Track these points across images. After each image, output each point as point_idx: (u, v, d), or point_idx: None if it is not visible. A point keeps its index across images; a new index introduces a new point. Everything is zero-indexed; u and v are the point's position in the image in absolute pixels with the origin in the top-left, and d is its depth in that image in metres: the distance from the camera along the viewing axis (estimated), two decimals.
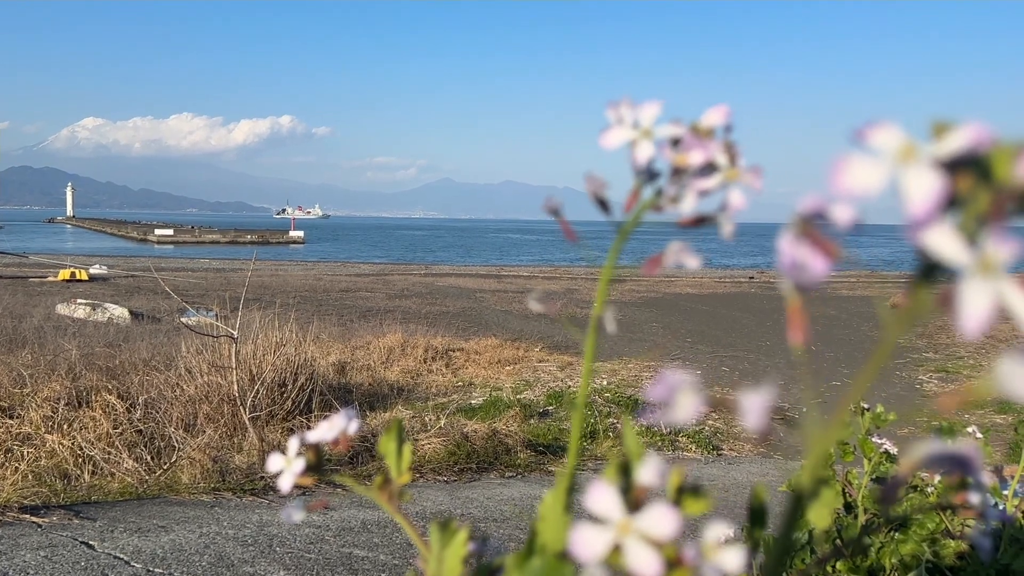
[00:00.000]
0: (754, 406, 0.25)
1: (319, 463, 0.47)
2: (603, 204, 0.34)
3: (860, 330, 13.06)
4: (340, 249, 62.58)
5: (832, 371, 9.41)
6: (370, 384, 7.84)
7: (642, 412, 0.26)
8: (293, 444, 0.46)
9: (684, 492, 0.29)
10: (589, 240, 0.49)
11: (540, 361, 9.63)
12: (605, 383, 8.29)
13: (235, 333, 5.76)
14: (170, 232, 65.26)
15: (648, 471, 0.27)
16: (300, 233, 67.61)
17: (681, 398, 0.26)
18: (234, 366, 5.64)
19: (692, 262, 0.33)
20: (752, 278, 26.88)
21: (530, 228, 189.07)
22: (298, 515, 0.46)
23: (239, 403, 5.50)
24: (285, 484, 0.45)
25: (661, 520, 0.25)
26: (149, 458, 4.83)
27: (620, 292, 19.76)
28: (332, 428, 0.47)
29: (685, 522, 0.27)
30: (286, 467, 0.46)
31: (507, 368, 9.12)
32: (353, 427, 0.48)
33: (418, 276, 26.19)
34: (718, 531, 0.27)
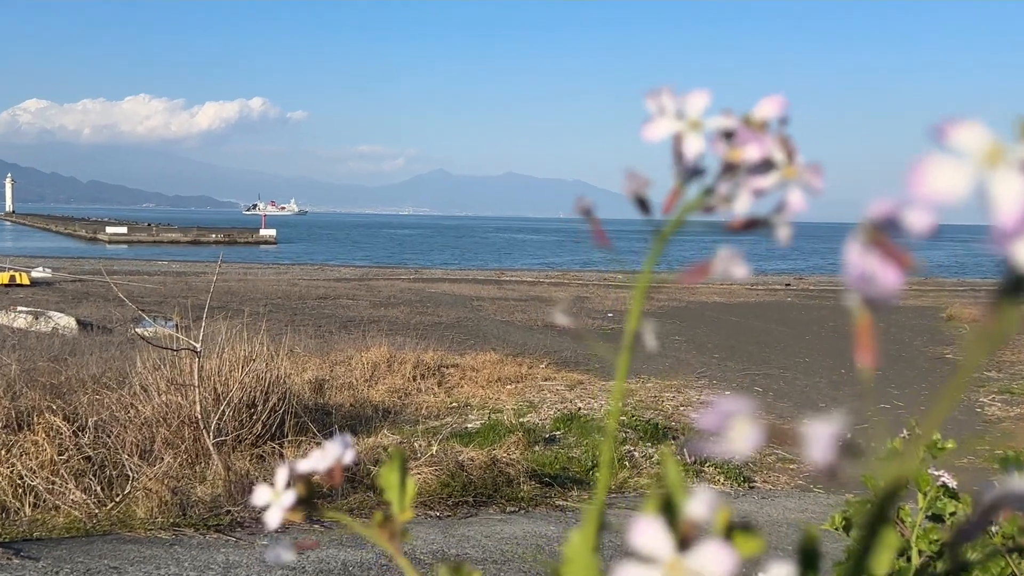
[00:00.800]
0: (821, 438, 0.25)
1: (311, 497, 0.47)
2: (643, 204, 0.34)
3: (912, 345, 13.05)
4: (318, 250, 62.66)
5: (880, 392, 9.40)
6: (352, 405, 7.84)
7: (691, 443, 0.26)
8: (282, 475, 0.47)
9: (735, 529, 0.30)
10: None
11: (546, 379, 9.63)
12: (620, 405, 8.27)
13: (197, 346, 5.76)
14: (124, 230, 65.34)
15: (699, 505, 0.27)
16: (272, 232, 67.69)
17: (738, 428, 0.26)
18: (196, 384, 5.65)
19: (742, 272, 0.33)
20: (788, 285, 26.89)
21: (535, 227, 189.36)
22: (288, 556, 0.46)
23: (202, 426, 5.51)
24: (273, 520, 0.46)
25: (717, 559, 0.25)
26: (99, 489, 4.83)
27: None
28: (326, 457, 0.48)
29: (739, 563, 0.27)
30: (274, 500, 0.46)
31: (508, 387, 9.12)
32: (349, 456, 0.49)
33: (406, 281, 26.21)
34: (780, 573, 0.27)
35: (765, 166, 0.30)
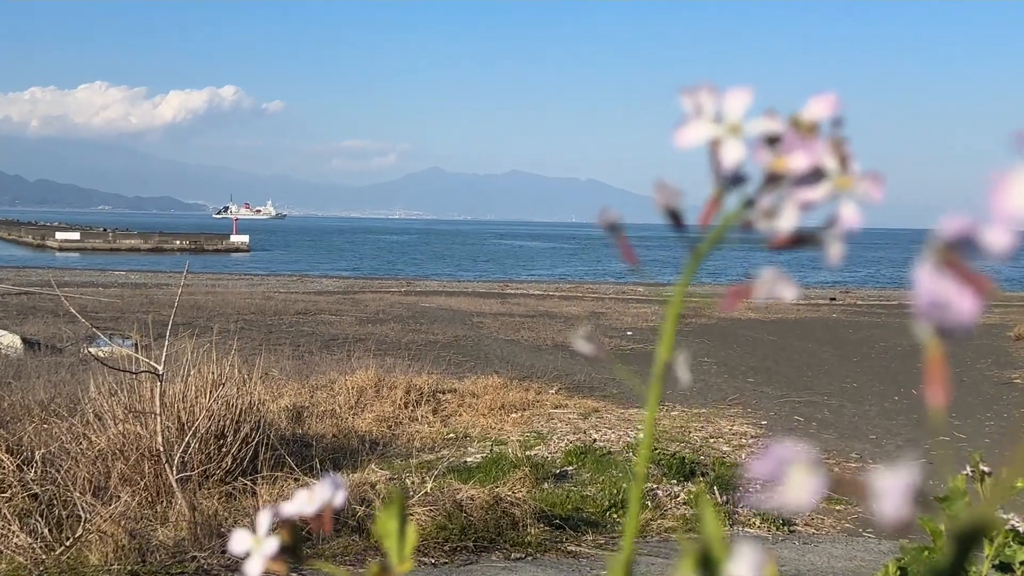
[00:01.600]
0: (894, 491, 0.25)
1: (296, 544, 0.47)
2: (676, 218, 0.34)
3: (975, 368, 13.01)
4: (296, 259, 62.79)
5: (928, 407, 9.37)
6: (334, 436, 7.84)
7: (742, 494, 0.26)
8: (264, 519, 0.47)
9: None
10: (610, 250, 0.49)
11: (556, 407, 9.62)
12: (641, 436, 8.26)
13: (159, 368, 5.77)
14: (76, 236, 65.55)
15: (743, 565, 0.27)
16: (244, 238, 67.86)
17: (795, 477, 0.26)
18: (158, 411, 5.65)
19: (789, 294, 0.33)
20: (833, 299, 26.85)
21: (544, 232, 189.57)
22: None
23: (164, 460, 5.51)
24: (254, 570, 0.46)
25: None
26: (47, 531, 4.83)
27: (661, 316, 19.72)
28: (313, 500, 0.48)
29: None
30: (255, 548, 0.46)
31: (513, 416, 9.11)
32: (339, 499, 0.49)
33: (397, 294, 26.24)
34: None
35: (815, 176, 0.31)
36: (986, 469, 1.47)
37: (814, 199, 0.31)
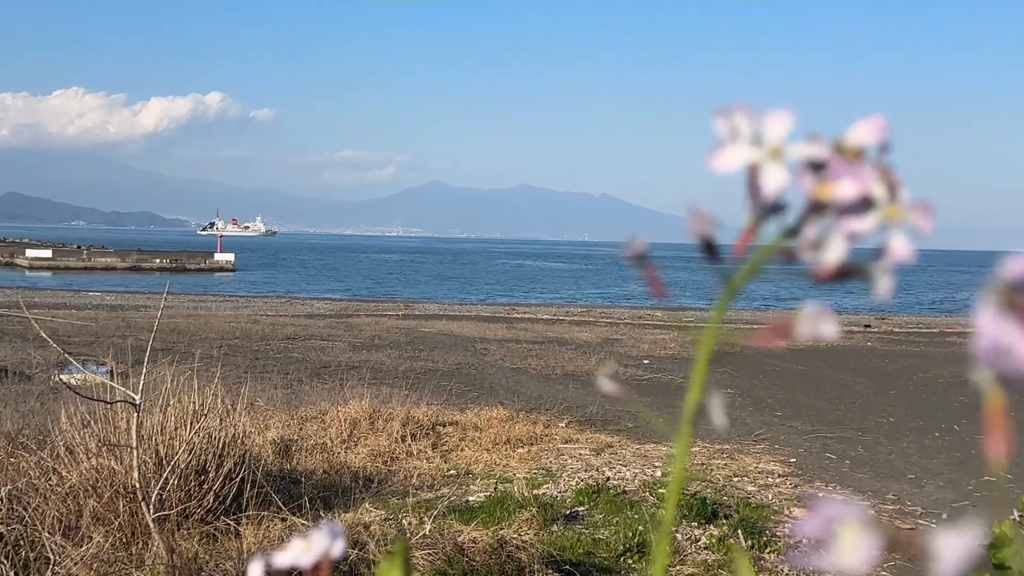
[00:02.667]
0: (954, 552, 0.25)
1: None
2: (710, 248, 0.34)
3: (1021, 401, 12.95)
4: (285, 279, 62.97)
5: (981, 457, 9.32)
6: (325, 472, 7.82)
7: (789, 554, 0.26)
8: (255, 571, 0.47)
9: None
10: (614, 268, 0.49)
11: (567, 441, 9.59)
12: (659, 474, 8.24)
13: (136, 397, 5.77)
14: (47, 254, 65.85)
15: None
16: (230, 257, 68.09)
17: (847, 536, 0.26)
18: (134, 445, 5.65)
19: (832, 331, 0.33)
20: (868, 326, 26.79)
21: (553, 252, 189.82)
22: None
23: (140, 497, 5.49)
24: None
25: None
26: (13, 574, 4.82)
27: (680, 344, 19.71)
28: (310, 550, 0.48)
29: None
30: None
31: (519, 451, 9.08)
32: (338, 549, 0.48)
33: (394, 318, 26.26)
34: None
35: (862, 205, 0.31)
36: None
37: (862, 230, 0.31)
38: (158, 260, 65.97)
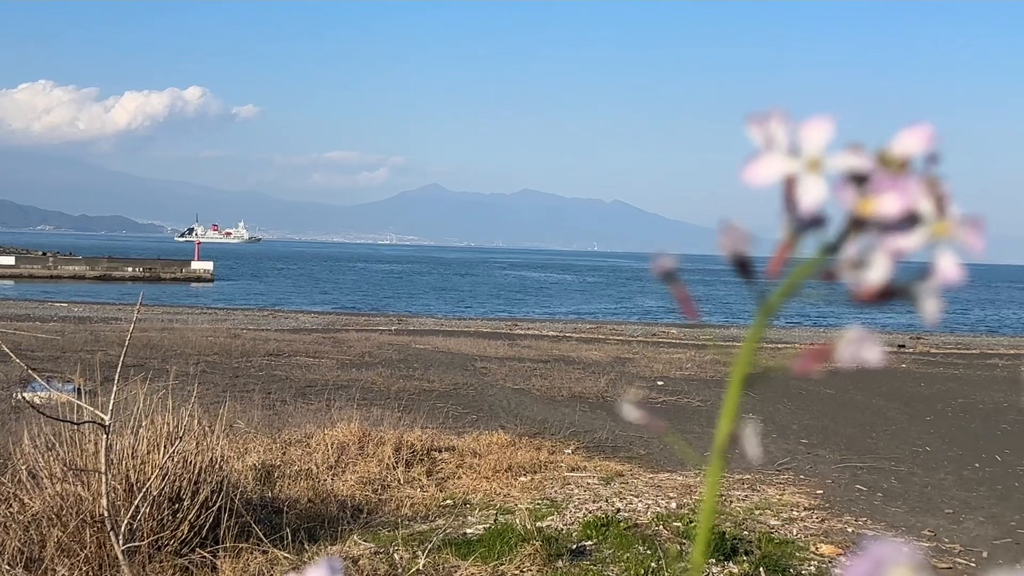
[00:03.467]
0: None
1: None
2: (743, 266, 0.35)
3: None
4: (269, 290, 63.05)
5: (1021, 489, 9.29)
6: (310, 501, 7.80)
7: None
8: None
9: None
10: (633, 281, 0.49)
11: (573, 469, 9.57)
12: (674, 506, 8.22)
13: (106, 418, 5.77)
14: (10, 261, 65.92)
15: None
16: (208, 265, 68.20)
17: None
18: (103, 470, 5.64)
19: (875, 356, 0.33)
20: (902, 347, 26.76)
21: (560, 263, 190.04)
22: None
23: (109, 527, 5.49)
24: None
25: None
26: None
27: (698, 363, 19.70)
28: None
29: None
30: None
31: (522, 479, 9.06)
32: None
33: (387, 334, 26.25)
34: None
35: (908, 221, 0.31)
36: None
37: (907, 248, 0.31)
38: (130, 268, 66.06)
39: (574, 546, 7.02)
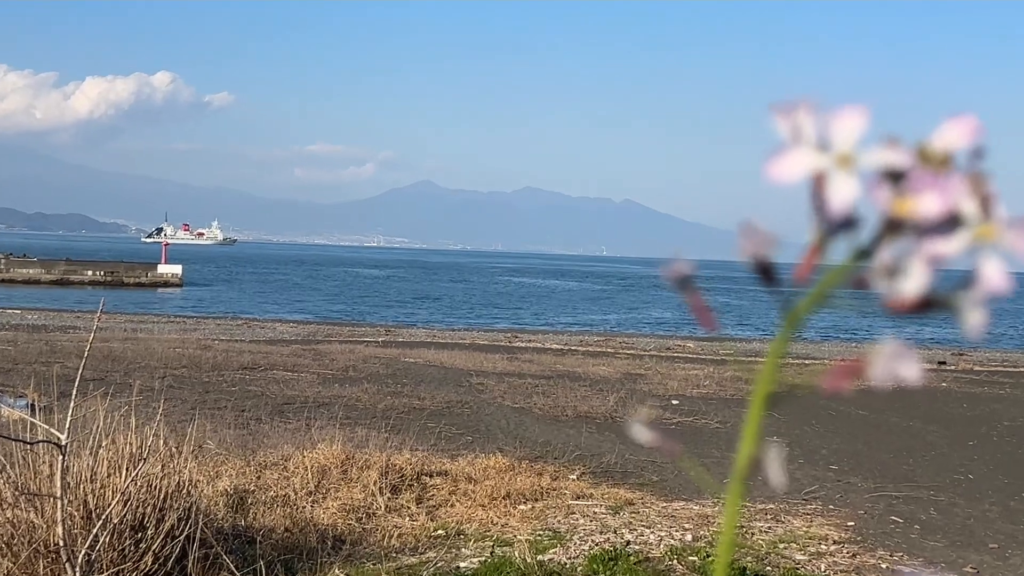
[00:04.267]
0: None
1: None
2: (766, 271, 0.34)
3: None
4: (243, 297, 63.08)
5: None
6: (287, 530, 7.79)
7: None
8: None
9: None
10: (636, 288, 0.48)
11: (578, 497, 9.55)
12: (689, 538, 8.21)
13: (62, 437, 5.76)
14: None
15: None
16: (176, 269, 68.23)
17: None
18: (59, 494, 5.63)
19: (912, 373, 0.33)
20: (943, 363, 26.76)
21: (565, 268, 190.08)
22: None
23: (65, 558, 5.47)
24: None
25: None
26: None
27: (717, 381, 19.69)
28: None
29: None
30: None
31: (521, 508, 9.05)
32: None
33: (373, 346, 26.25)
34: None
35: (949, 223, 0.30)
36: None
37: (948, 252, 0.31)
38: (90, 272, 66.03)
39: None
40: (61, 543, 5.49)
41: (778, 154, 0.33)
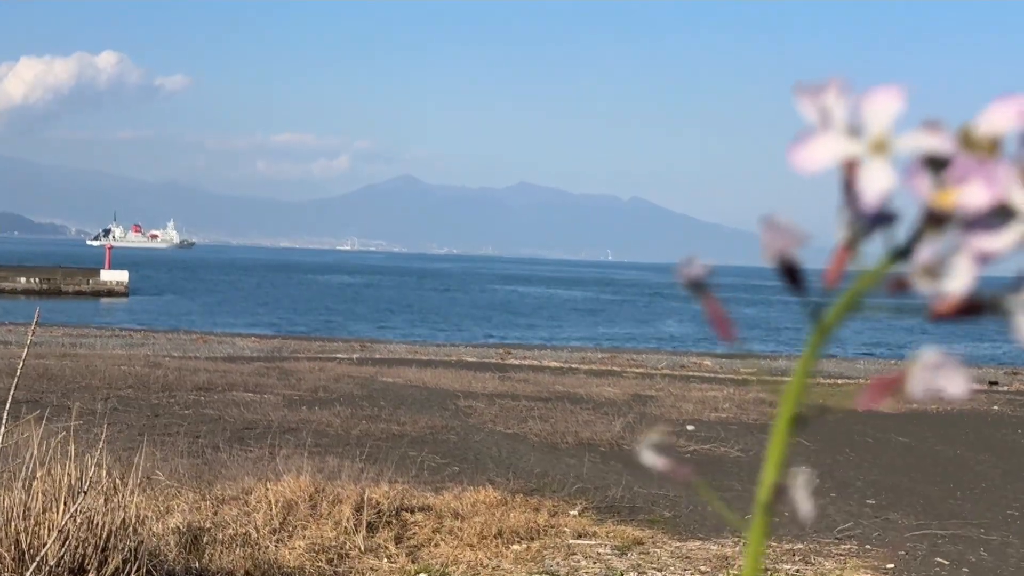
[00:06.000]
0: None
1: None
2: (792, 273, 0.34)
3: None
4: (198, 307, 63.02)
5: None
6: (248, 572, 7.78)
7: None
8: None
9: None
10: (644, 298, 0.48)
11: (580, 535, 9.55)
12: None
13: None
14: None
15: None
16: (121, 276, 68.13)
17: None
18: None
19: (958, 387, 0.33)
20: (994, 384, 26.76)
21: (565, 275, 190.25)
22: None
23: None
24: None
25: None
26: None
27: (737, 403, 19.69)
28: None
29: None
30: None
31: (515, 548, 9.04)
32: None
33: (347, 363, 26.22)
34: None
35: (998, 216, 0.30)
36: None
37: (996, 249, 0.31)
38: (23, 279, 65.91)
39: None
40: None
41: (804, 139, 0.33)
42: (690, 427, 16.69)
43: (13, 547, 5.89)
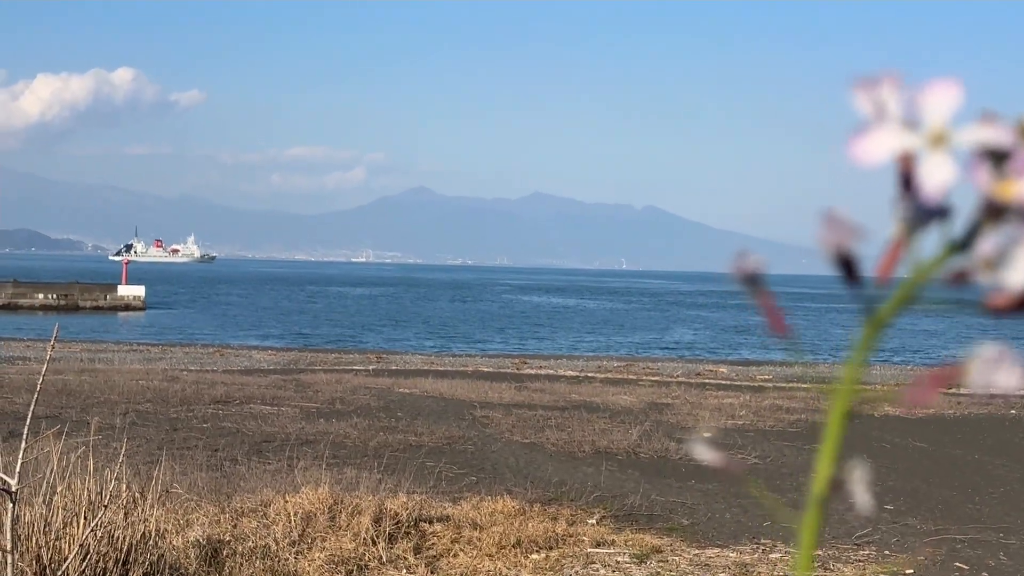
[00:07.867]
0: None
1: None
2: (849, 268, 0.34)
3: None
4: (215, 321, 63.15)
5: None
6: None
7: None
8: None
9: None
10: (666, 305, 0.48)
11: (598, 544, 9.53)
12: None
13: (12, 482, 5.77)
14: None
15: None
16: (138, 291, 68.36)
17: None
18: (8, 547, 5.63)
19: (1015, 381, 0.33)
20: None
21: (580, 284, 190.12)
22: None
23: None
24: None
25: None
26: None
27: (754, 410, 19.63)
28: None
29: None
30: None
31: (534, 557, 9.03)
32: None
33: (363, 375, 26.25)
34: None
35: None
36: None
37: None
38: (41, 295, 66.14)
39: None
40: None
41: (862, 133, 0.33)
42: (707, 435, 16.65)
43: (35, 562, 5.90)
